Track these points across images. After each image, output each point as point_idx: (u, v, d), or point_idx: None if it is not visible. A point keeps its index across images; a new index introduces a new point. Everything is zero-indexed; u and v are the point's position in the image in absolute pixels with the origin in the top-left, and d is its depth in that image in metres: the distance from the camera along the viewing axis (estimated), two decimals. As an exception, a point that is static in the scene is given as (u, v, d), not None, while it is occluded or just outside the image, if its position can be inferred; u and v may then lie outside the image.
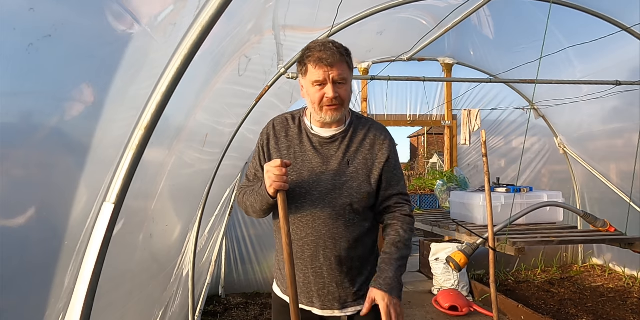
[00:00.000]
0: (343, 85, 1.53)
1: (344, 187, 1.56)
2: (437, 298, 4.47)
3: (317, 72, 1.49)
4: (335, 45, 1.51)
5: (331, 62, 1.47)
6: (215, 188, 3.09)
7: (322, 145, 1.61)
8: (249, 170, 1.75)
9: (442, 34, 3.97)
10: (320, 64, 1.48)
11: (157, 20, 1.17)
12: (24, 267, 0.96)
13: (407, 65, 5.16)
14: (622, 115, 4.51)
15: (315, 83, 1.51)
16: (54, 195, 1.01)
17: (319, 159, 1.59)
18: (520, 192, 3.51)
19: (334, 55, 1.47)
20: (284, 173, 1.44)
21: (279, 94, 3.74)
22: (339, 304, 1.62)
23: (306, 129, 1.65)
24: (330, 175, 1.57)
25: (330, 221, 1.57)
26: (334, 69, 1.48)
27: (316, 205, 1.57)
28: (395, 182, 1.67)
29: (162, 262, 2.18)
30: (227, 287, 5.04)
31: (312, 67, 1.50)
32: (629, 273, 5.18)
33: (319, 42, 1.53)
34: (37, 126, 0.88)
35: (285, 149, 1.64)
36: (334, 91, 1.50)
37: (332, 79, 1.49)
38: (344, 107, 1.56)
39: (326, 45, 1.50)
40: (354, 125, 1.65)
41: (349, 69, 1.55)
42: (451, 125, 5.73)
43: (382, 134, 1.66)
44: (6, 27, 0.72)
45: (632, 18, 3.46)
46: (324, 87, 1.51)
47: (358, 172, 1.59)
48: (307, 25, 3.03)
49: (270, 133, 1.68)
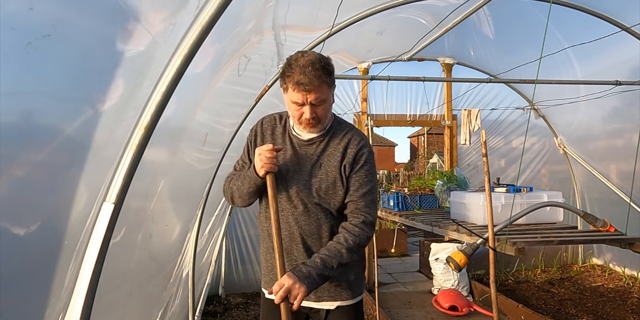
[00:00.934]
0: (320, 105, 1.59)
1: (313, 188, 1.67)
2: (437, 298, 4.46)
3: (296, 95, 1.55)
4: (315, 67, 1.53)
5: (309, 89, 1.53)
6: (215, 188, 3.09)
7: (301, 146, 1.71)
8: (237, 163, 1.89)
9: (442, 34, 3.97)
10: (298, 88, 1.53)
11: (157, 20, 1.17)
12: (24, 267, 0.96)
13: (407, 65, 5.16)
14: (622, 115, 4.51)
15: (294, 103, 1.58)
16: (54, 195, 1.01)
17: (295, 159, 1.70)
18: (520, 192, 3.51)
19: (312, 82, 1.52)
20: (274, 156, 1.59)
21: (279, 93, 3.72)
22: (314, 295, 1.73)
23: (289, 129, 1.75)
24: (304, 175, 1.68)
25: (302, 218, 1.70)
26: (312, 94, 1.54)
27: (289, 202, 1.70)
28: (355, 189, 1.67)
29: (161, 262, 2.18)
30: (227, 287, 5.04)
31: (291, 88, 1.56)
32: (629, 273, 5.18)
33: (301, 61, 1.54)
34: (37, 126, 0.88)
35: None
36: (311, 113, 1.58)
37: (310, 102, 1.56)
38: (321, 123, 1.64)
39: (306, 69, 1.52)
40: (332, 130, 1.72)
41: (328, 88, 1.60)
42: (451, 125, 5.73)
43: (357, 140, 1.70)
44: (5, 27, 0.72)
45: (632, 18, 3.46)
46: (302, 107, 1.58)
47: (327, 175, 1.67)
48: (307, 25, 3.03)
49: (257, 130, 1.80)
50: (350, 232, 1.64)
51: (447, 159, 5.84)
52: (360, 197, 1.67)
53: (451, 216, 3.90)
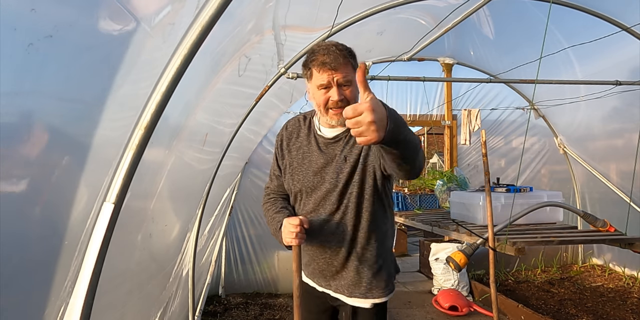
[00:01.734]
0: (348, 87, 1.53)
1: (341, 184, 1.59)
2: (437, 298, 4.47)
3: (322, 76, 1.50)
4: (339, 48, 1.51)
5: (335, 66, 1.48)
6: (215, 188, 3.09)
7: (327, 145, 1.65)
8: (271, 171, 1.86)
9: (442, 34, 3.97)
10: (324, 68, 1.48)
11: (157, 20, 1.17)
12: (24, 267, 0.97)
13: (407, 65, 5.16)
14: (622, 115, 4.51)
15: (320, 87, 1.52)
16: (54, 196, 1.01)
17: (322, 160, 1.63)
18: (520, 192, 3.51)
19: (337, 59, 1.48)
20: (298, 231, 1.53)
21: (279, 94, 3.74)
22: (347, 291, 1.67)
23: (314, 129, 1.70)
24: (333, 174, 1.61)
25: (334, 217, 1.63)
26: (338, 73, 1.49)
27: (322, 203, 1.64)
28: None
29: (161, 262, 2.18)
30: (227, 287, 5.04)
31: (316, 71, 1.51)
32: (629, 273, 5.18)
33: (322, 45, 1.53)
34: (37, 126, 0.89)
35: (295, 150, 1.72)
36: (339, 94, 1.50)
37: (337, 82, 1.50)
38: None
39: (329, 49, 1.50)
40: None
41: (353, 70, 1.53)
42: (451, 125, 5.73)
43: None
44: (7, 27, 0.73)
45: (632, 18, 3.46)
46: (329, 90, 1.52)
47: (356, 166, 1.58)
48: (307, 25, 3.03)
49: (283, 135, 1.77)
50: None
51: (447, 159, 5.84)
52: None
53: (451, 216, 3.90)
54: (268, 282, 5.12)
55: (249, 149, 4.80)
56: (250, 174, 5.09)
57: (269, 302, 4.74)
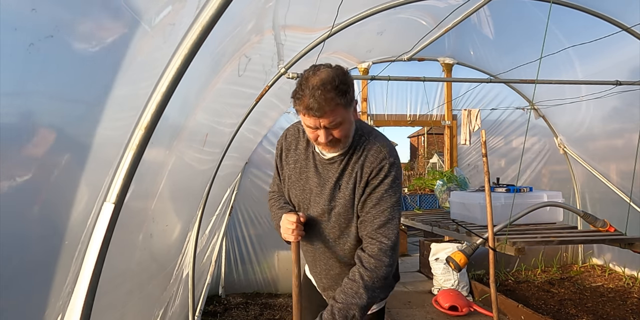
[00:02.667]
0: (337, 127, 1.42)
1: (332, 212, 1.56)
2: (437, 298, 4.47)
3: (308, 120, 1.41)
4: (327, 89, 1.35)
5: (320, 114, 1.36)
6: (215, 188, 3.09)
7: (323, 165, 1.59)
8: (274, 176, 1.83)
9: (442, 34, 3.97)
10: (308, 113, 1.38)
11: (158, 21, 1.17)
12: (24, 267, 0.97)
13: (407, 65, 5.16)
14: (622, 115, 4.51)
15: (308, 126, 1.44)
16: (55, 196, 1.01)
17: (316, 180, 1.58)
18: (520, 192, 3.51)
19: (322, 108, 1.35)
20: (295, 227, 1.53)
21: (279, 94, 3.74)
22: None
23: (312, 146, 1.62)
24: (324, 198, 1.56)
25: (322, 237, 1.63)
26: (324, 119, 1.38)
27: (313, 223, 1.61)
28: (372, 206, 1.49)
29: (162, 262, 2.18)
30: (227, 287, 5.04)
31: (301, 113, 1.42)
32: (629, 273, 5.18)
33: (311, 82, 1.38)
34: (37, 126, 0.89)
35: (293, 162, 1.66)
36: (327, 136, 1.42)
37: (323, 126, 1.41)
38: (341, 143, 1.48)
39: (316, 92, 1.35)
40: (354, 146, 1.54)
41: (345, 110, 1.41)
42: (451, 125, 5.73)
43: (376, 152, 1.52)
44: (8, 27, 0.73)
45: (632, 18, 3.46)
46: (318, 131, 1.43)
47: (346, 198, 1.53)
48: (307, 25, 3.03)
49: (282, 144, 1.70)
50: (365, 267, 1.44)
51: (447, 159, 5.84)
52: (376, 216, 1.48)
53: (451, 216, 3.90)
54: (268, 282, 5.12)
55: (249, 149, 4.80)
56: (250, 174, 5.09)
57: (269, 302, 4.74)
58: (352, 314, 1.39)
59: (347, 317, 1.38)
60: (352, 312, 1.39)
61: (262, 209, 5.07)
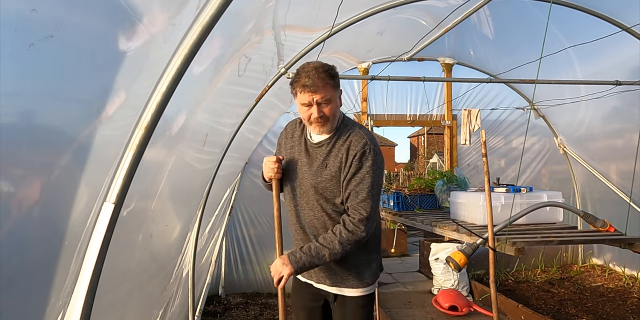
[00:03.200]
0: (327, 105, 1.77)
1: (319, 187, 1.84)
2: (437, 298, 4.47)
3: (303, 97, 1.75)
4: (319, 71, 1.73)
5: (314, 89, 1.72)
6: (215, 188, 3.09)
7: (312, 148, 1.90)
8: None
9: (442, 34, 3.97)
10: (304, 89, 1.73)
11: (158, 20, 1.17)
12: (24, 267, 0.97)
13: (407, 65, 5.16)
14: (622, 115, 4.51)
15: (303, 105, 1.78)
16: (55, 196, 1.01)
17: (306, 160, 1.89)
18: (520, 192, 3.51)
19: (315, 83, 1.71)
20: (276, 166, 1.90)
21: (279, 94, 3.74)
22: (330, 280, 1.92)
23: (305, 133, 1.96)
24: (312, 175, 1.86)
25: (311, 213, 1.89)
26: (317, 94, 1.73)
27: (301, 198, 1.91)
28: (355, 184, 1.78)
29: (161, 262, 2.18)
30: (227, 287, 5.04)
31: (299, 92, 1.76)
32: (629, 273, 5.18)
33: (306, 68, 1.76)
34: (38, 126, 0.89)
35: (289, 148, 1.99)
36: (319, 112, 1.76)
37: (316, 102, 1.75)
38: (329, 122, 1.81)
39: (310, 73, 1.72)
40: (339, 132, 1.86)
41: (333, 89, 1.77)
42: (451, 125, 5.73)
43: (358, 140, 1.82)
44: (8, 28, 0.73)
45: (632, 18, 3.46)
46: (311, 108, 1.77)
47: (331, 175, 1.82)
48: (307, 25, 3.03)
49: (283, 134, 2.07)
50: (346, 227, 1.76)
51: (447, 159, 5.84)
52: (359, 192, 1.77)
53: (451, 216, 3.90)
54: (268, 282, 5.11)
55: (249, 149, 4.80)
56: (250, 174, 5.08)
57: (268, 302, 4.74)
58: (323, 254, 1.75)
59: (318, 254, 1.75)
60: (323, 252, 1.75)
61: (262, 209, 5.07)
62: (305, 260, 1.76)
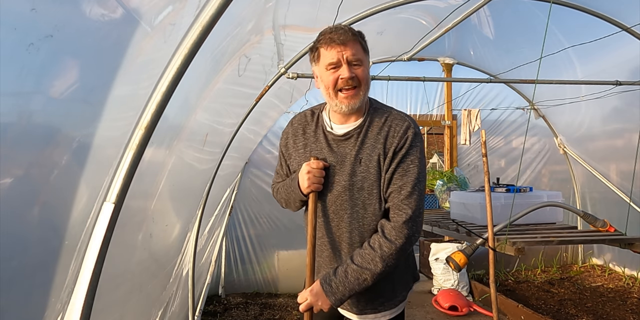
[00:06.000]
0: (359, 66, 1.43)
1: (355, 188, 1.49)
2: (437, 298, 4.47)
3: (330, 53, 1.41)
4: (345, 28, 1.43)
5: (343, 40, 1.39)
6: (215, 188, 3.09)
7: (337, 142, 1.53)
8: (277, 168, 1.78)
9: (442, 34, 3.97)
10: (332, 44, 1.40)
11: (158, 20, 1.17)
12: (24, 267, 0.96)
13: (407, 65, 5.16)
14: (622, 115, 4.50)
15: (329, 66, 1.42)
16: (54, 196, 1.01)
17: (333, 158, 1.52)
18: (520, 192, 3.51)
19: (345, 34, 1.40)
20: (323, 175, 1.49)
21: (279, 94, 3.74)
22: (357, 308, 1.58)
23: (323, 125, 1.58)
24: (344, 175, 1.50)
25: (344, 224, 1.53)
26: (347, 48, 1.40)
27: (331, 207, 1.54)
28: (399, 177, 1.45)
29: (161, 262, 2.18)
30: (227, 287, 5.04)
31: (324, 49, 1.42)
32: (629, 273, 5.18)
33: (330, 27, 1.46)
34: (38, 126, 0.88)
35: (302, 147, 1.61)
36: (350, 71, 1.41)
37: (347, 59, 1.41)
38: (362, 91, 1.45)
39: (337, 27, 1.43)
40: (369, 118, 1.51)
41: (363, 51, 1.45)
42: (451, 125, 5.73)
43: (400, 125, 1.49)
44: (7, 27, 0.72)
45: (632, 18, 3.46)
46: (339, 69, 1.42)
47: (369, 171, 1.48)
48: (307, 25, 3.03)
49: (288, 132, 1.66)
50: (387, 237, 1.42)
51: (447, 159, 5.84)
52: (404, 186, 1.45)
53: (451, 216, 3.90)
54: (268, 282, 5.12)
55: (249, 149, 4.80)
56: (250, 174, 5.09)
57: (268, 302, 4.74)
58: (364, 277, 1.41)
59: (358, 279, 1.41)
60: (364, 276, 1.41)
61: (262, 209, 5.07)
62: (344, 290, 1.41)
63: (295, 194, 1.56)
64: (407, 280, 1.66)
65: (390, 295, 1.57)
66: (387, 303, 1.57)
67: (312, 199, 1.52)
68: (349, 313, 1.61)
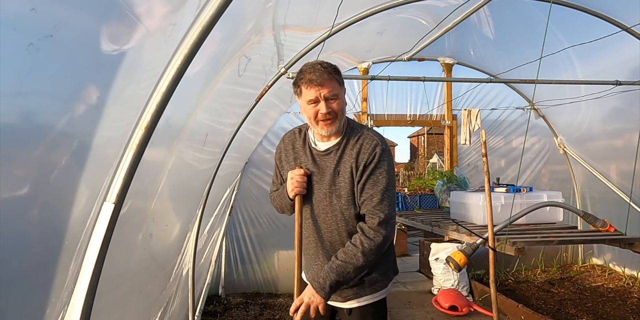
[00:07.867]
0: (335, 100, 1.69)
1: (333, 196, 1.76)
2: (437, 298, 4.47)
3: (310, 92, 1.67)
4: (324, 66, 1.68)
5: (321, 82, 1.64)
6: (215, 188, 3.09)
7: (320, 157, 1.80)
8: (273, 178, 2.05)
9: (442, 34, 3.97)
10: (311, 84, 1.65)
11: (158, 20, 1.17)
12: (24, 267, 0.96)
13: (407, 65, 5.16)
14: (622, 115, 4.51)
15: (309, 102, 1.69)
16: (55, 195, 1.01)
17: (316, 170, 1.79)
18: (520, 192, 3.51)
19: (322, 76, 1.64)
20: (305, 180, 1.76)
21: (279, 94, 3.74)
22: (340, 296, 1.84)
23: (309, 141, 1.85)
24: (324, 184, 1.77)
25: (325, 225, 1.80)
26: (324, 88, 1.65)
27: (314, 211, 1.81)
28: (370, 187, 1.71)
29: (161, 262, 2.18)
30: (227, 287, 5.04)
31: (304, 88, 1.68)
32: (629, 273, 5.18)
33: (309, 64, 1.70)
34: (37, 126, 0.88)
35: (292, 160, 1.88)
36: (327, 107, 1.67)
37: (324, 97, 1.66)
38: (338, 120, 1.72)
39: (315, 67, 1.67)
40: (347, 137, 1.78)
41: (339, 85, 1.71)
42: (451, 125, 5.73)
43: (369, 143, 1.74)
44: (7, 27, 0.72)
45: (632, 18, 3.46)
46: (318, 104, 1.68)
47: (345, 181, 1.74)
48: (307, 25, 3.03)
49: (281, 147, 1.94)
50: (366, 235, 1.67)
51: (447, 159, 5.84)
52: (374, 194, 1.70)
53: (451, 216, 3.90)
54: (268, 282, 5.12)
55: (249, 149, 4.80)
56: (250, 173, 5.08)
57: (269, 302, 4.74)
58: (348, 271, 1.64)
59: (343, 273, 1.64)
60: (348, 269, 1.64)
61: (262, 209, 5.08)
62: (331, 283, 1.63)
63: (285, 198, 1.84)
64: (388, 273, 1.89)
65: (370, 283, 1.82)
66: (368, 288, 1.82)
67: (298, 201, 1.80)
68: (336, 302, 1.87)
